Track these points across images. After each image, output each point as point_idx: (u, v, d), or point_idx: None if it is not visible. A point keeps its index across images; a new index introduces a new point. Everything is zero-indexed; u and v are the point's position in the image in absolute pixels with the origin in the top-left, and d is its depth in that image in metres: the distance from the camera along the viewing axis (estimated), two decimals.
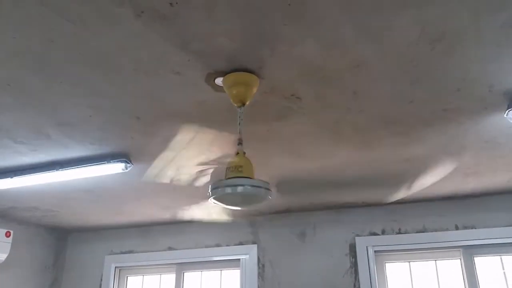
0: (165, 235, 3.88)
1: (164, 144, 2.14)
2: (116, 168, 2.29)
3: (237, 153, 1.46)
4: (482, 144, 2.17)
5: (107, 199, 3.05)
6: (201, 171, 2.35)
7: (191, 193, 2.93)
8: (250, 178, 1.39)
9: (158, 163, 2.35)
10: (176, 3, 1.21)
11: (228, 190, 1.35)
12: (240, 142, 1.49)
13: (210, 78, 1.57)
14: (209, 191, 1.39)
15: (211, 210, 3.39)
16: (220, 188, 1.36)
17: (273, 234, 3.55)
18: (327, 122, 1.93)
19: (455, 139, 2.10)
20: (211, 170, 2.45)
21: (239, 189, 1.34)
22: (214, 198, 1.39)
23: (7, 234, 3.43)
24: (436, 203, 3.18)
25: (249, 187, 1.34)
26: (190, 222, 3.81)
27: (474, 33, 1.35)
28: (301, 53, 1.43)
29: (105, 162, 2.27)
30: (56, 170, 2.37)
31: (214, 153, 2.24)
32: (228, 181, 1.37)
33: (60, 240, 4.16)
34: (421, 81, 1.60)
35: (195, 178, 2.58)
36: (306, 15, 1.26)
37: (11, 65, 1.48)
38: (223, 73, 1.54)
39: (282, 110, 1.82)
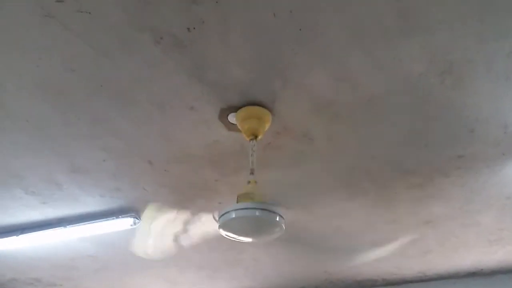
0: None
1: (174, 195, 2.10)
2: (124, 223, 2.23)
3: (249, 182, 1.42)
4: (503, 201, 2.08)
5: (112, 267, 2.92)
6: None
7: (200, 262, 2.80)
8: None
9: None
10: (194, 28, 1.28)
11: (238, 214, 1.28)
12: (252, 172, 1.46)
13: (223, 114, 1.59)
14: (217, 218, 1.33)
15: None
16: (229, 213, 1.29)
17: None
18: (341, 170, 1.89)
19: (474, 194, 2.03)
20: None
21: (249, 213, 1.27)
22: (223, 227, 1.32)
23: None
24: (460, 281, 2.96)
25: (259, 212, 1.28)
26: None
27: (481, 62, 1.37)
28: (312, 85, 1.46)
29: (114, 217, 2.23)
30: (64, 227, 2.32)
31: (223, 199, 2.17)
32: (237, 205, 1.31)
33: None
34: (434, 120, 1.60)
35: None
36: (316, 42, 1.31)
37: (32, 97, 1.53)
38: (236, 109, 1.57)
39: (295, 155, 1.81)
